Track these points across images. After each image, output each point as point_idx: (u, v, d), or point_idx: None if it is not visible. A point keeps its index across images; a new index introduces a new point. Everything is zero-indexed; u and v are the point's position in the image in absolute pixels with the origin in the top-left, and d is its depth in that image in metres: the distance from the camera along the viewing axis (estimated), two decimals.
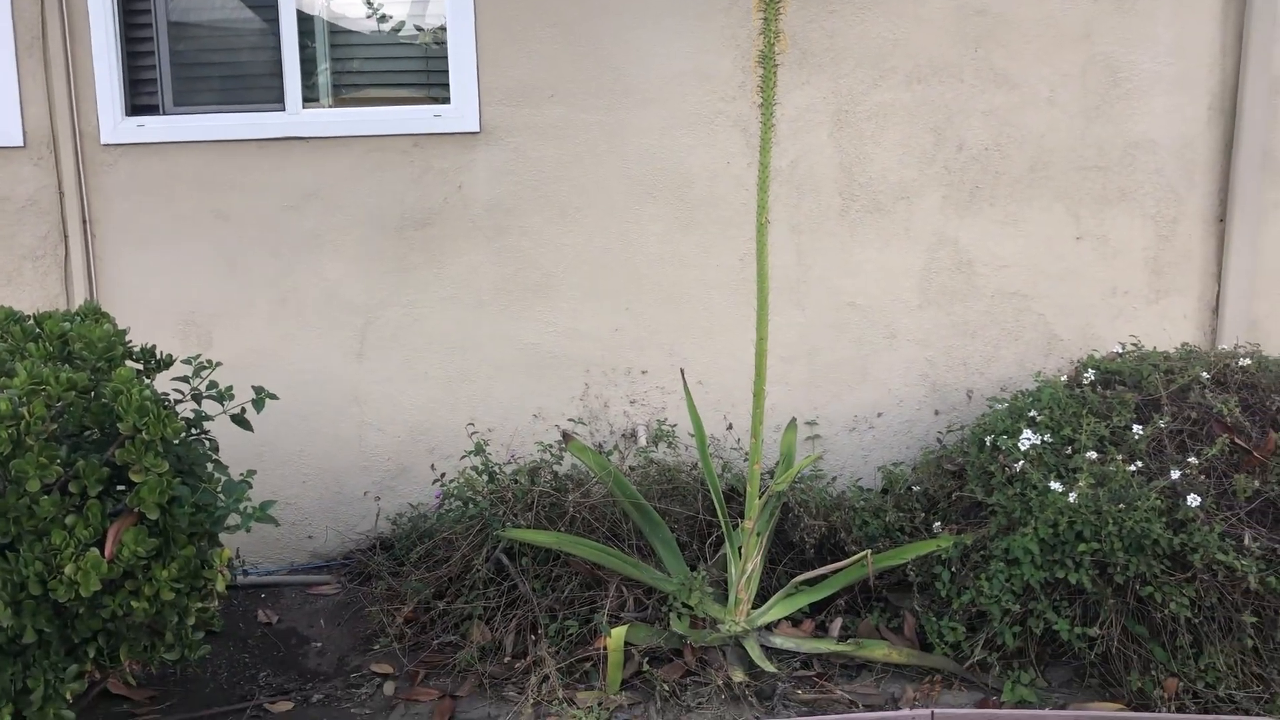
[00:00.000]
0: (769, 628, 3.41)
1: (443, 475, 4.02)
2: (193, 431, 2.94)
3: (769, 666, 3.22)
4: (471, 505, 3.68)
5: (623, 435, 4.27)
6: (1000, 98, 4.20)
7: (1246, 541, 2.93)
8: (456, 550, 3.58)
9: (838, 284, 4.28)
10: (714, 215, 4.24)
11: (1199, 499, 2.97)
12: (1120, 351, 3.74)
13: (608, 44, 4.17)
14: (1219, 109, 4.17)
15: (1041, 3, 4.15)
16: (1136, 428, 3.21)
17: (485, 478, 3.79)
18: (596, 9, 4.16)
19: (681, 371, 3.83)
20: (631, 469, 3.93)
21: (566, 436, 3.68)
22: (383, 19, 4.37)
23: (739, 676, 3.18)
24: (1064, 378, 3.62)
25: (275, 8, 4.25)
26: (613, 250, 4.25)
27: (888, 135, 4.22)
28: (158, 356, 3.07)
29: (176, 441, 2.73)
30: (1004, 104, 4.20)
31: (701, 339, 4.27)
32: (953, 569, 3.32)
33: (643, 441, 4.14)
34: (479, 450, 3.86)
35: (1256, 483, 3.01)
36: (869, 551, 3.28)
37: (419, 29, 4.36)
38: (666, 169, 4.22)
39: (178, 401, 2.98)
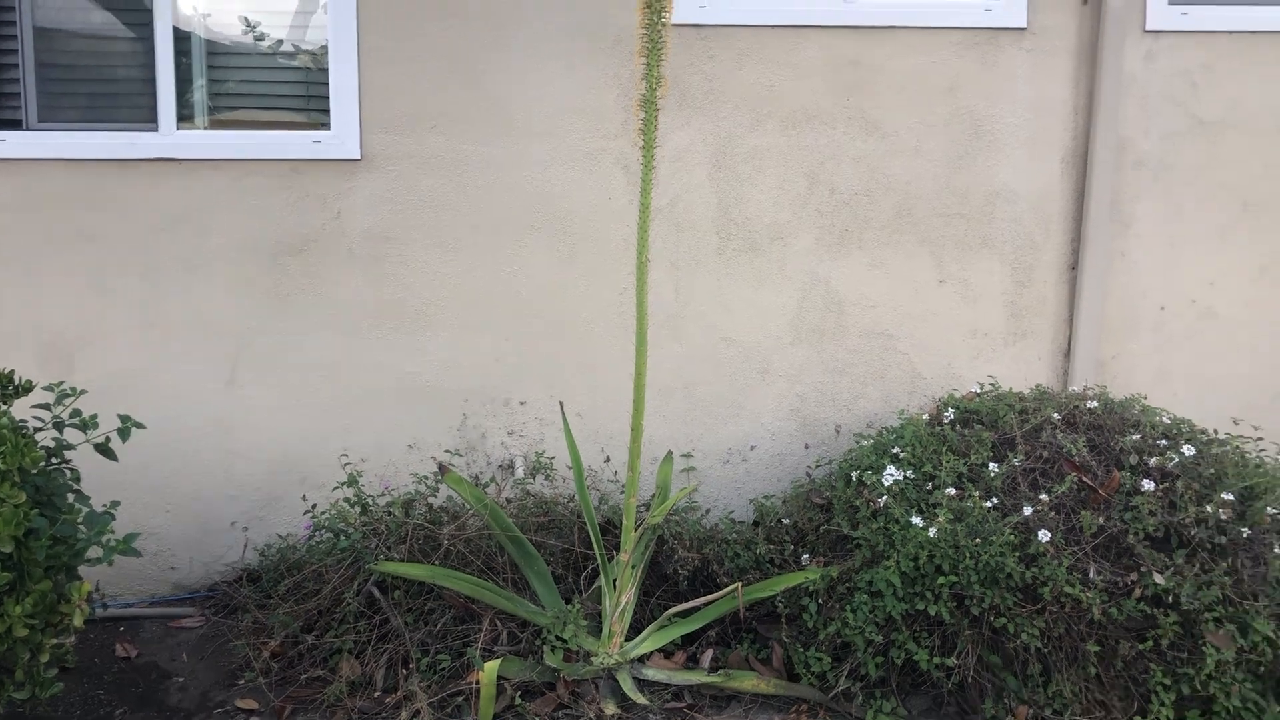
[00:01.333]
0: (642, 660, 3.45)
1: (314, 506, 3.95)
2: (53, 461, 2.84)
3: (640, 699, 3.26)
4: (343, 537, 3.63)
5: (500, 467, 4.28)
6: (870, 145, 4.37)
7: (1091, 575, 3.10)
8: (327, 583, 3.52)
9: (715, 320, 4.38)
10: (596, 249, 4.29)
11: (1049, 534, 3.13)
12: (979, 391, 3.91)
13: (494, 77, 4.20)
14: (1071, 163, 4.43)
15: (910, 56, 4.35)
16: (993, 465, 3.37)
17: (358, 509, 3.75)
18: (484, 43, 4.19)
19: (560, 404, 3.86)
20: (508, 501, 3.93)
21: (442, 468, 3.67)
22: (262, 39, 4.31)
23: (611, 709, 3.21)
24: (925, 416, 3.77)
25: (150, 23, 4.16)
26: (494, 281, 4.27)
27: (764, 178, 4.35)
28: (16, 382, 2.96)
29: (35, 471, 2.63)
30: (874, 151, 4.38)
31: (582, 371, 4.31)
32: (819, 601, 3.42)
33: (520, 473, 4.15)
34: (352, 481, 3.81)
35: (1101, 519, 3.18)
36: (739, 584, 3.35)
37: (300, 51, 4.32)
38: (549, 202, 4.27)
39: (37, 429, 2.87)
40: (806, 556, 3.58)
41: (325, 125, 4.22)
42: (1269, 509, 3.18)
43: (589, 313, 4.29)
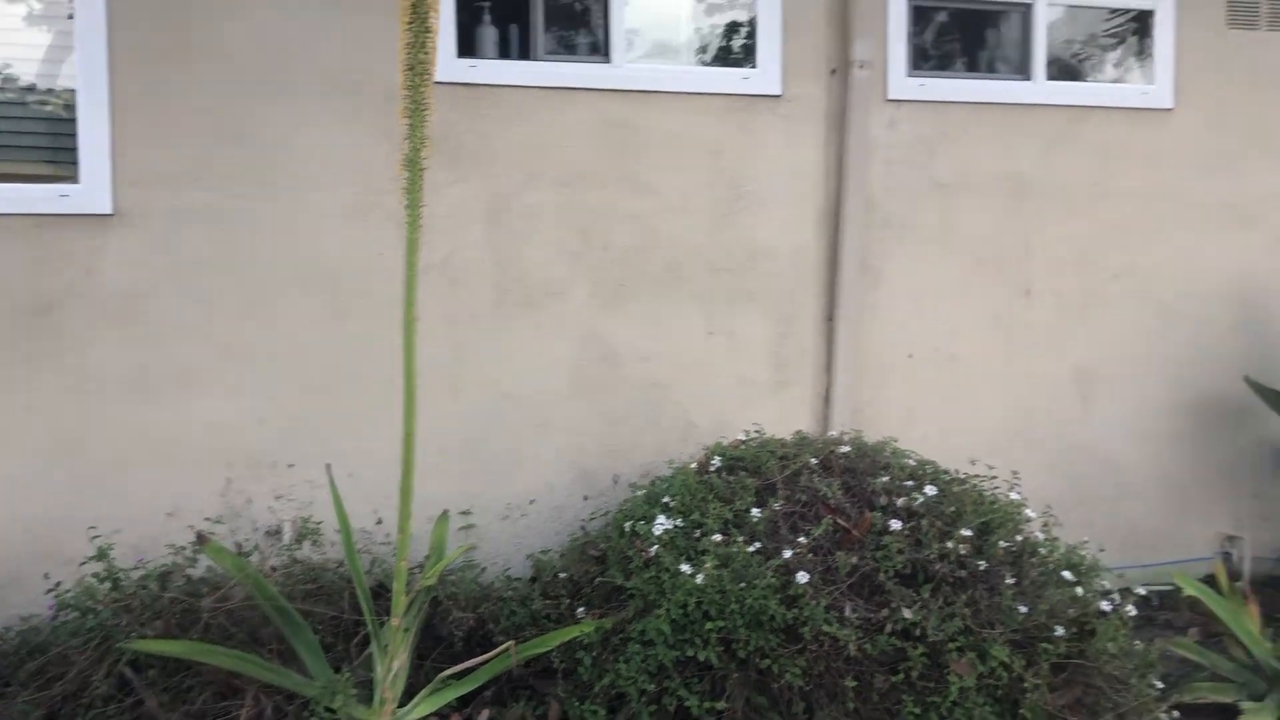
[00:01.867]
0: None
1: (58, 584, 3.69)
2: None
3: None
4: (91, 615, 3.40)
5: (267, 533, 4.12)
6: (641, 203, 4.52)
7: (847, 613, 3.27)
8: (73, 666, 3.29)
9: (493, 375, 4.39)
10: (368, 306, 4.23)
11: (807, 575, 3.28)
12: (745, 439, 4.08)
13: (261, 130, 4.10)
14: (825, 222, 4.71)
15: (677, 120, 4.53)
16: (755, 511, 3.51)
17: (108, 585, 3.53)
18: (251, 94, 4.09)
19: (328, 466, 3.76)
20: (274, 569, 3.79)
21: (202, 538, 3.50)
22: (5, 84, 4.06)
23: None
24: (694, 464, 3.90)
25: None
26: (261, 339, 4.14)
27: (540, 234, 4.42)
28: None
29: None
30: (645, 209, 4.52)
31: (355, 430, 4.22)
32: (594, 653, 3.46)
33: (288, 539, 4.01)
34: (101, 555, 3.58)
35: (855, 559, 3.37)
36: (513, 641, 3.35)
37: (49, 99, 4.09)
38: (319, 258, 4.18)
39: None
40: (582, 610, 3.61)
41: (74, 179, 4.00)
42: (1001, 542, 3.45)
43: (362, 370, 4.21)
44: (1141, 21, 5.09)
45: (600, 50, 4.52)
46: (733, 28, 4.72)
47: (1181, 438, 5.16)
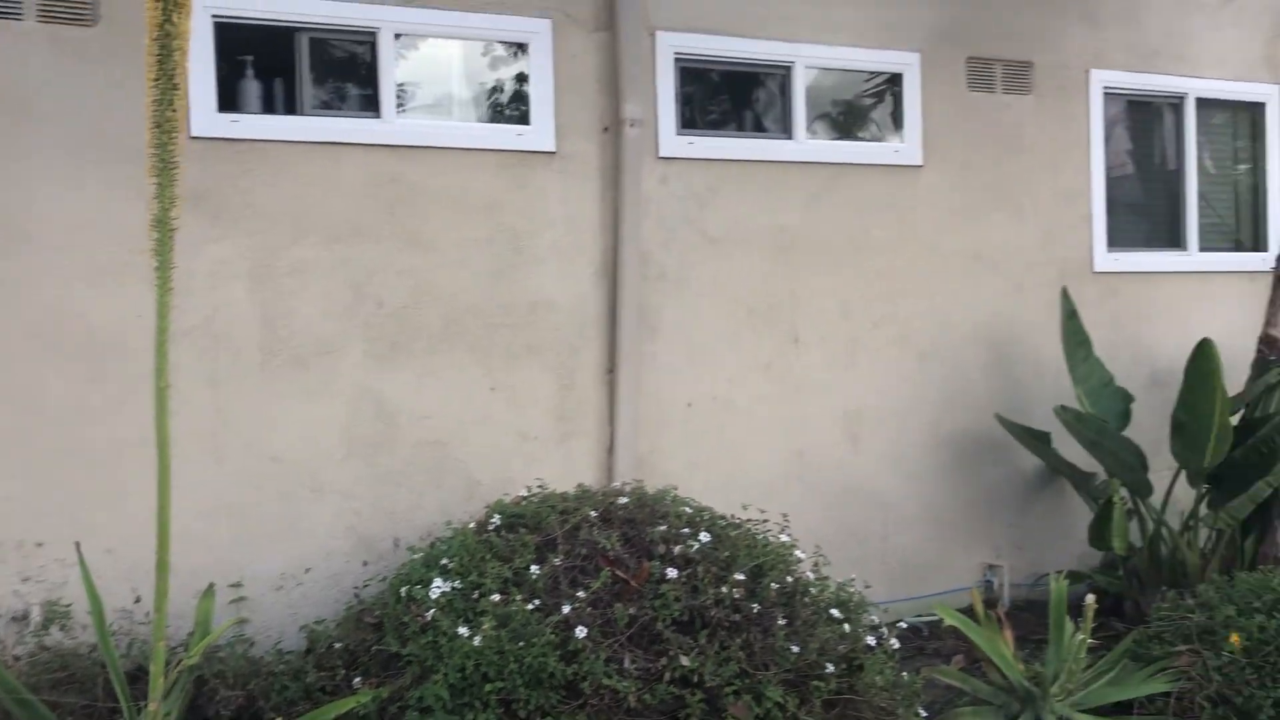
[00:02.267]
0: None
1: None
2: None
3: None
4: None
5: (12, 618, 3.80)
6: (417, 259, 4.47)
7: (627, 664, 3.29)
8: None
9: (261, 438, 4.21)
10: (126, 370, 3.99)
11: (586, 630, 3.29)
12: (526, 495, 4.06)
13: (4, 189, 3.83)
14: (603, 275, 4.79)
15: (451, 175, 4.52)
16: (535, 568, 3.49)
17: None
18: None
19: (77, 545, 3.51)
20: (18, 659, 3.50)
21: None
22: None
23: None
24: (473, 524, 3.85)
25: None
26: (4, 409, 3.84)
27: (309, 291, 4.30)
28: None
29: None
30: (420, 264, 4.47)
31: (112, 503, 3.96)
32: None
33: (35, 624, 3.71)
34: None
35: (633, 609, 3.40)
36: (280, 719, 3.20)
37: None
38: (72, 321, 3.93)
39: None
40: (359, 679, 3.49)
41: None
42: (774, 584, 3.55)
43: (120, 438, 3.96)
44: (894, 84, 5.45)
45: (371, 105, 4.46)
46: (507, 85, 4.76)
47: (943, 473, 5.48)
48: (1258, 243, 6.28)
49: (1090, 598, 3.78)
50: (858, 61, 5.33)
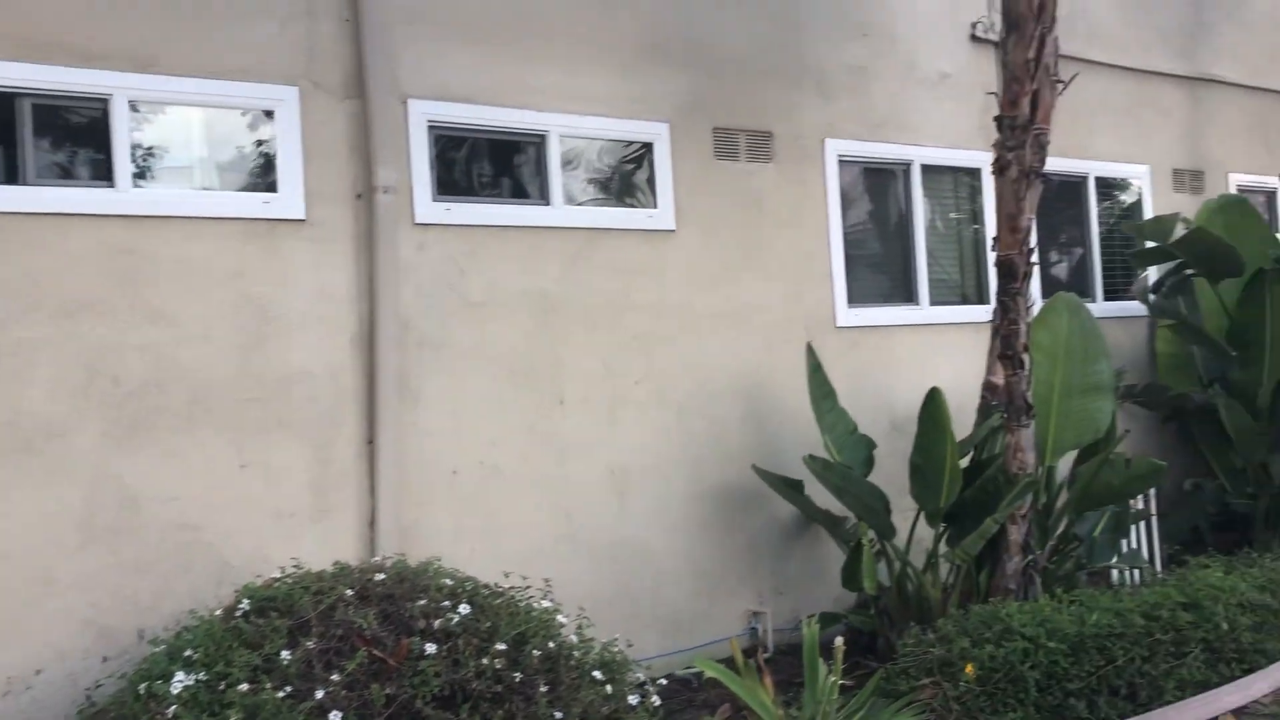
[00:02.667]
0: None
1: None
2: None
3: None
4: None
5: None
6: (157, 333, 4.26)
7: None
8: None
9: None
10: None
11: (341, 714, 3.19)
12: (279, 577, 3.91)
13: None
14: (361, 344, 4.71)
15: (192, 245, 4.35)
16: (286, 653, 3.36)
17: None
18: None
19: None
20: None
21: None
22: None
23: None
24: (220, 611, 3.68)
25: None
26: None
27: (36, 370, 4.03)
28: None
29: None
30: (161, 339, 4.27)
31: None
32: None
33: None
34: None
35: (391, 689, 3.32)
36: None
37: None
38: None
39: None
40: None
41: None
42: (535, 651, 3.56)
43: None
44: (646, 152, 5.65)
45: (105, 174, 4.25)
46: (254, 152, 4.64)
47: (707, 524, 5.65)
48: (981, 296, 6.84)
49: (839, 640, 3.97)
50: (610, 131, 5.51)
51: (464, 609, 3.60)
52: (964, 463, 5.24)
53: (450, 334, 4.95)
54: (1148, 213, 7.82)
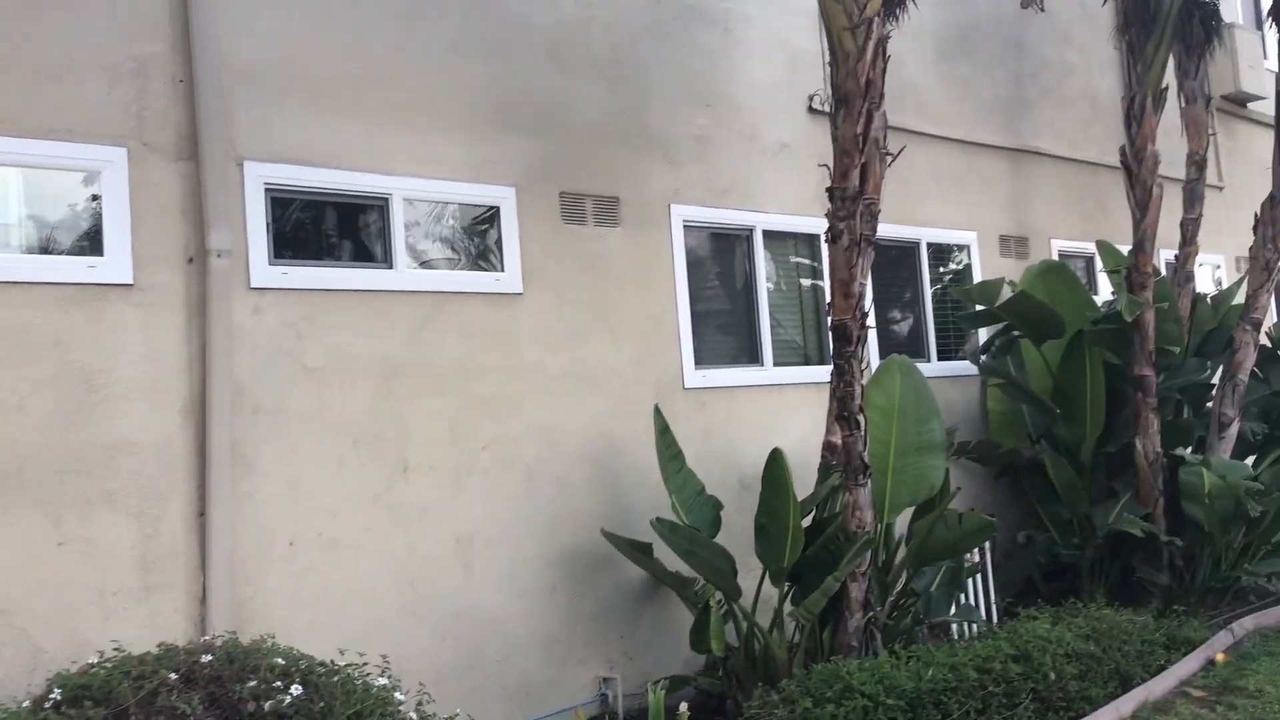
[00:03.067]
0: None
1: None
2: None
3: None
4: None
5: None
6: None
7: None
8: None
9: None
10: None
11: None
12: (96, 662, 3.69)
13: None
14: (192, 412, 4.53)
15: (10, 310, 4.14)
16: None
17: None
18: None
19: None
20: None
21: None
22: None
23: None
24: (28, 702, 3.44)
25: None
26: None
27: None
28: None
29: None
30: None
31: None
32: None
33: None
34: None
35: None
36: None
37: None
38: None
39: None
40: None
41: None
42: None
43: None
44: (494, 216, 5.65)
45: None
46: (78, 215, 4.45)
47: (557, 590, 5.60)
48: (822, 356, 7.06)
49: (683, 706, 3.98)
50: (456, 194, 5.50)
51: (296, 689, 3.47)
52: (806, 522, 5.36)
53: (287, 400, 4.81)
54: (977, 276, 8.23)
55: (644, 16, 6.43)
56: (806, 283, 7.21)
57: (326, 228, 5.21)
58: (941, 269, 8.20)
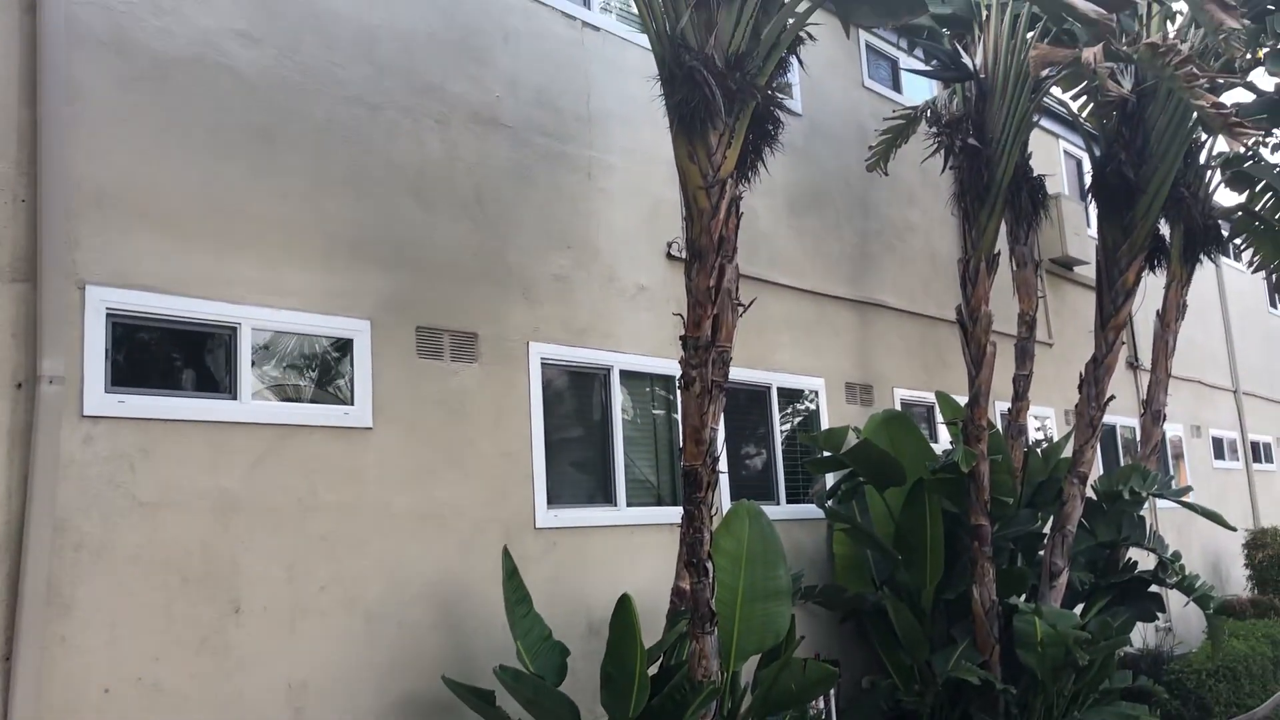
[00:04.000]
0: None
1: None
2: None
3: None
4: None
5: None
6: None
7: None
8: None
9: None
10: None
11: None
12: None
13: None
14: (8, 547, 4.26)
15: None
16: None
17: None
18: None
19: None
20: None
21: None
22: None
23: None
24: None
25: None
26: None
27: None
28: None
29: None
30: None
31: None
32: None
33: None
34: None
35: None
36: None
37: None
38: None
39: None
40: None
41: None
42: None
43: None
44: (346, 348, 5.57)
45: None
46: None
47: None
48: (675, 497, 7.11)
49: None
50: (308, 326, 5.41)
51: None
52: (653, 670, 5.30)
53: (115, 536, 4.56)
54: (825, 421, 8.49)
55: (509, 159, 6.57)
56: (660, 412, 7.30)
57: (171, 355, 5.05)
58: (792, 412, 8.43)
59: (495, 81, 6.59)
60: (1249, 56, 8.17)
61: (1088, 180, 8.92)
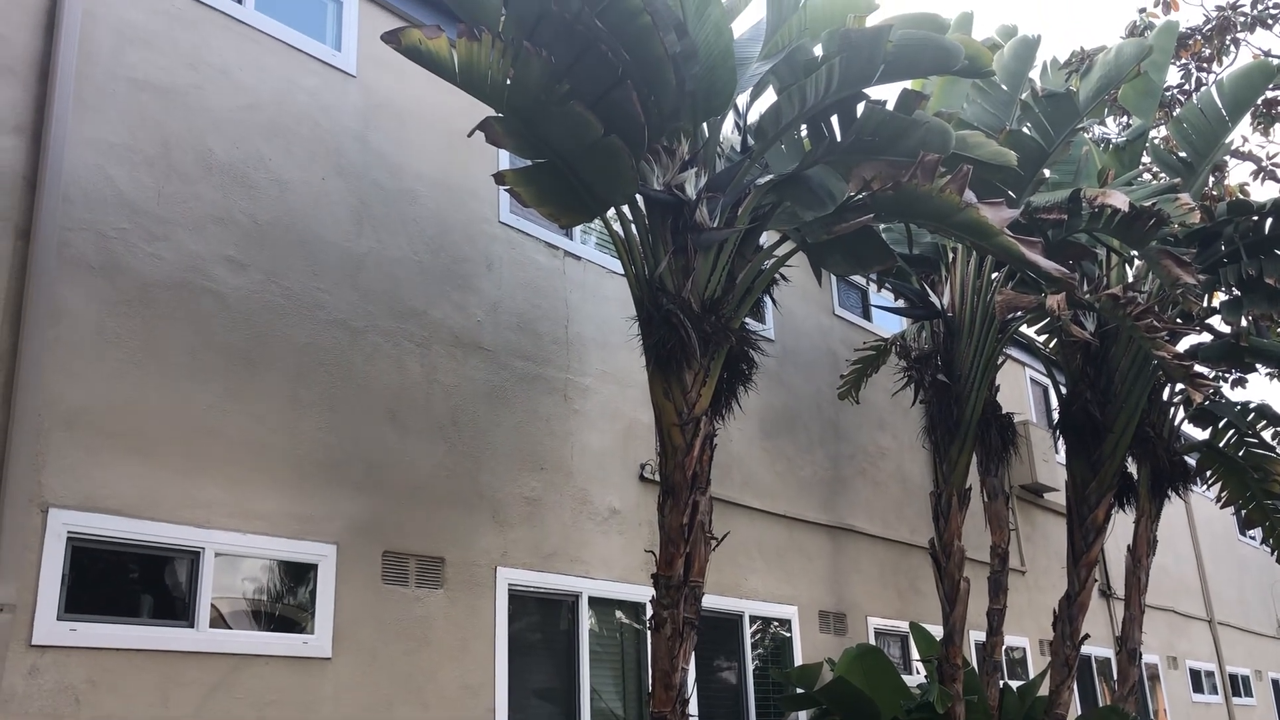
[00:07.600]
0: None
1: None
2: None
3: None
4: None
5: None
6: None
7: None
8: None
9: None
10: None
11: None
12: None
13: None
14: None
15: None
16: None
17: None
18: None
19: None
20: None
21: None
22: None
23: None
24: None
25: None
26: None
27: None
28: None
29: None
30: None
31: None
32: None
33: None
34: None
35: None
36: None
37: None
38: None
39: None
40: None
41: None
42: None
43: None
44: (310, 574, 5.45)
45: None
46: None
47: None
48: None
49: None
50: (273, 551, 5.32)
51: None
52: None
53: None
54: (798, 650, 8.30)
55: (487, 381, 6.64)
56: (629, 642, 7.11)
57: (131, 580, 4.92)
58: (763, 638, 8.24)
59: (477, 306, 6.74)
60: (1205, 305, 8.50)
61: (1054, 406, 9.09)
